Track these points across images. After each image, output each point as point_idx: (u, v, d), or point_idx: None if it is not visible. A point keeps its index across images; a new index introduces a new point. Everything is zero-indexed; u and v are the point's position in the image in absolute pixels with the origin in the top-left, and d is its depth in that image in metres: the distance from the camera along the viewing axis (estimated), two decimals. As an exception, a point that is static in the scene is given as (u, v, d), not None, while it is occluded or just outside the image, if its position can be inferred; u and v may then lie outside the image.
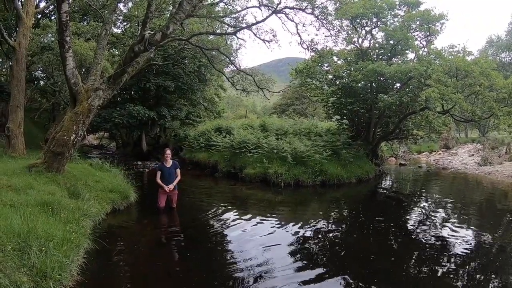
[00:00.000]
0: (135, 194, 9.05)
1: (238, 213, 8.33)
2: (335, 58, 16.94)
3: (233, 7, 14.58)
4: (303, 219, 7.95)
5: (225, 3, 14.16)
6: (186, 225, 7.57)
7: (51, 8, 17.75)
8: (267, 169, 12.44)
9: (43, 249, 4.03)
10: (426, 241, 6.68)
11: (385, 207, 10.28)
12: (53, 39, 14.96)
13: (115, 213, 7.86)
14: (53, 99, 18.68)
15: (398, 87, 15.55)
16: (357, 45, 16.15)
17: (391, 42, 15.03)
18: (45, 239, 4.23)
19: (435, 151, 29.49)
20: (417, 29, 15.30)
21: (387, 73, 13.21)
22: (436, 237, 6.92)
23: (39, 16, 17.98)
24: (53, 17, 18.61)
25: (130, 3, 17.85)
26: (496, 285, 4.83)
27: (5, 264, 3.57)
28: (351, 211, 9.50)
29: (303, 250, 6.06)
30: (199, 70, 20.46)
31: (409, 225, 8.03)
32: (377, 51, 16.16)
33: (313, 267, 5.22)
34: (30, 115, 18.62)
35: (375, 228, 7.70)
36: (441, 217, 8.65)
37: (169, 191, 7.97)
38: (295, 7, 12.76)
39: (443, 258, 5.78)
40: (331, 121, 19.24)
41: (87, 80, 8.48)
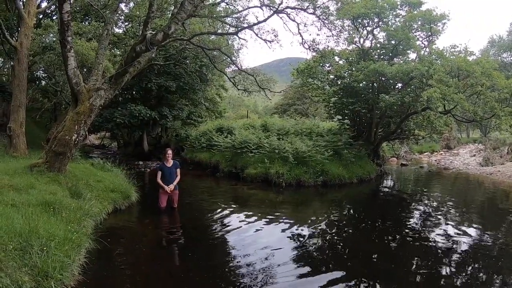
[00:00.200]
0: (137, 194, 9.06)
1: (239, 213, 8.33)
2: (336, 58, 16.92)
3: (234, 7, 14.57)
4: (304, 219, 7.95)
5: (227, 3, 14.16)
6: (187, 225, 7.56)
7: (53, 8, 17.83)
8: (269, 169, 12.43)
9: (45, 248, 4.03)
10: (427, 241, 6.67)
11: (386, 207, 10.26)
12: (54, 39, 14.97)
13: (117, 213, 7.87)
14: (54, 99, 18.68)
15: (399, 87, 15.53)
16: (359, 45, 16.13)
17: (393, 42, 15.01)
18: (47, 239, 4.23)
19: (436, 151, 29.43)
20: (419, 29, 15.28)
21: (389, 73, 13.18)
22: (437, 237, 6.90)
23: (41, 16, 18.02)
24: (54, 17, 18.65)
25: (131, 3, 17.92)
26: (498, 285, 4.81)
27: (7, 263, 3.57)
28: (352, 211, 9.48)
29: (304, 250, 6.05)
30: (200, 70, 20.46)
31: (411, 225, 8.01)
32: (378, 51, 16.14)
33: (314, 267, 5.21)
34: (31, 115, 18.65)
35: (377, 228, 7.69)
36: (443, 218, 8.63)
37: (170, 191, 7.98)
38: (296, 7, 12.74)
39: (445, 258, 5.77)
40: (332, 121, 19.23)
41: (88, 80, 8.51)
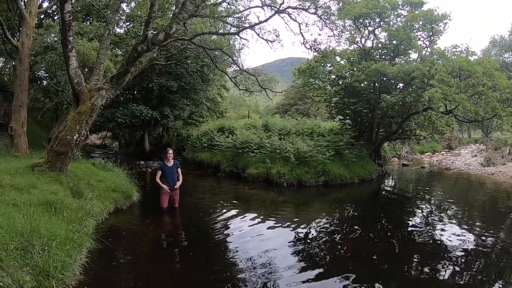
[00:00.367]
0: (138, 193, 9.07)
1: (240, 213, 8.32)
2: (338, 58, 16.90)
3: (236, 7, 14.62)
4: (305, 219, 7.94)
5: (228, 3, 14.20)
6: (188, 225, 7.57)
7: (54, 8, 17.84)
8: (270, 169, 12.42)
9: (46, 248, 4.04)
10: (429, 242, 6.66)
11: (388, 208, 10.24)
12: (56, 39, 15.02)
13: (118, 212, 7.88)
14: (56, 99, 18.73)
15: (401, 87, 15.49)
16: (360, 45, 16.10)
17: (394, 42, 14.98)
18: (48, 239, 4.23)
19: (438, 152, 29.36)
20: (420, 29, 15.25)
21: (390, 73, 13.16)
22: (439, 237, 6.89)
23: (42, 16, 18.05)
24: (56, 17, 18.69)
25: (133, 3, 17.90)
26: (499, 285, 4.79)
27: (8, 263, 3.58)
28: (353, 211, 9.46)
29: (305, 250, 6.05)
30: (202, 70, 20.48)
31: (412, 225, 7.99)
32: (380, 51, 16.10)
33: (315, 268, 5.20)
34: (33, 114, 18.68)
35: (378, 228, 7.68)
36: (444, 218, 8.61)
37: (169, 190, 7.98)
38: (298, 7, 12.74)
39: (446, 258, 5.75)
40: (334, 121, 19.20)
41: (90, 79, 8.52)
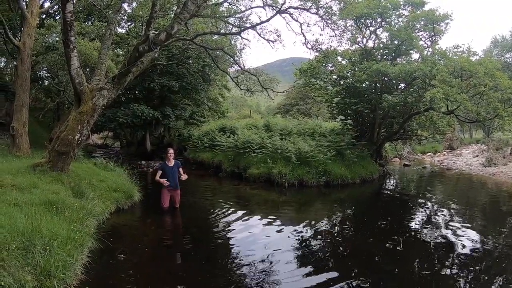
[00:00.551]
0: (139, 193, 9.08)
1: (242, 213, 8.31)
2: (339, 58, 16.90)
3: (237, 7, 14.63)
4: (307, 220, 7.92)
5: (229, 3, 14.22)
6: (189, 225, 7.57)
7: (56, 8, 17.88)
8: (271, 169, 12.41)
9: (47, 248, 4.04)
10: (430, 242, 6.63)
11: (389, 208, 10.22)
12: (57, 39, 15.03)
13: (119, 212, 7.89)
14: (57, 99, 18.77)
15: (402, 88, 15.47)
16: (362, 45, 16.09)
17: (396, 42, 14.96)
18: (49, 238, 4.24)
19: (439, 152, 29.30)
20: (422, 29, 15.22)
21: (392, 73, 13.14)
22: (440, 238, 6.87)
23: (44, 16, 18.09)
24: (57, 17, 18.71)
25: (134, 3, 17.91)
26: (500, 286, 4.78)
27: (10, 262, 3.58)
28: (355, 211, 9.46)
29: (307, 250, 6.04)
30: (203, 70, 20.49)
31: (414, 225, 7.98)
32: (381, 51, 16.08)
33: (317, 268, 5.19)
34: (34, 114, 18.74)
35: (380, 228, 7.66)
36: (446, 218, 8.58)
37: (169, 187, 8.00)
38: (299, 7, 12.76)
39: (448, 259, 5.74)
40: (335, 121, 19.20)
41: (91, 79, 8.52)
